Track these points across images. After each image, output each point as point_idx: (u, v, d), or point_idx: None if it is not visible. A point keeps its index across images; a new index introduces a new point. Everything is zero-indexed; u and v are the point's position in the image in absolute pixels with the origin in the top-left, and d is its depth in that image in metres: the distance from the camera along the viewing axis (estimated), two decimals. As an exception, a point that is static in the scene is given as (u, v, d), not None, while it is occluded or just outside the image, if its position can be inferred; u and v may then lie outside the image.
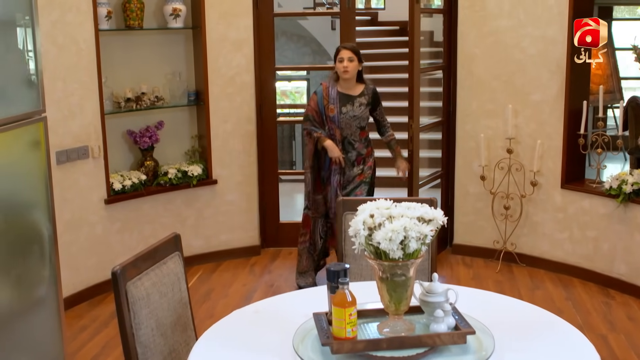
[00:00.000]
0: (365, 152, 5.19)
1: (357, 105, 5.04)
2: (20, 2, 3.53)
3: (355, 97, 5.06)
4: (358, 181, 5.17)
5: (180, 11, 5.60)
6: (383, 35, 11.25)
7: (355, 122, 5.06)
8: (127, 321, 2.49)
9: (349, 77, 4.98)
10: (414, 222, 2.28)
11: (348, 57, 4.93)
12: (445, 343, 2.35)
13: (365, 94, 5.08)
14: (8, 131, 3.29)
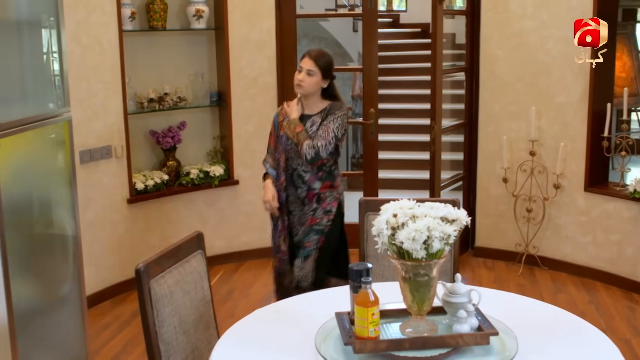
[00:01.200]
0: (320, 188, 4.00)
1: (309, 126, 3.95)
2: (46, 3, 3.57)
3: (310, 117, 3.99)
4: (308, 227, 4.02)
5: (203, 12, 5.62)
6: (404, 37, 11.23)
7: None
8: (150, 318, 2.50)
9: (303, 93, 3.96)
10: (438, 222, 2.28)
11: (307, 69, 3.91)
12: (468, 344, 2.34)
13: (325, 111, 3.97)
14: (34, 129, 3.32)
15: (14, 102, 3.40)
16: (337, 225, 4.09)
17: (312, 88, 3.94)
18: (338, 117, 3.93)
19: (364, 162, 6.43)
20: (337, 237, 4.11)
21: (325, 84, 3.98)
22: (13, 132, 3.10)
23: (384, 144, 7.78)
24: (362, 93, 6.42)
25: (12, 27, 3.44)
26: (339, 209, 4.11)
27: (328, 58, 3.98)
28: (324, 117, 3.94)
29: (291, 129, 3.93)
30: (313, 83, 3.93)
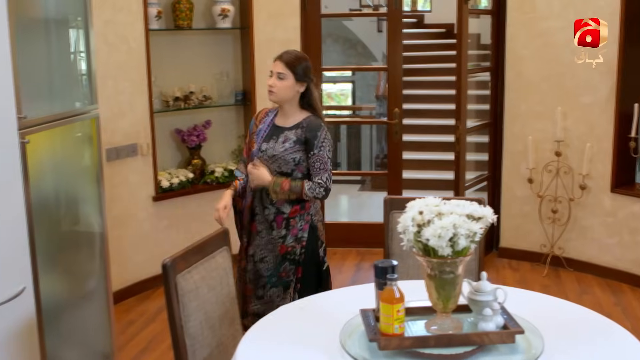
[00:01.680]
0: (290, 212, 3.50)
1: (281, 142, 3.48)
2: (75, 2, 3.62)
3: (285, 130, 3.52)
4: (280, 256, 3.52)
5: (229, 11, 5.65)
6: (429, 37, 11.20)
7: (274, 165, 3.48)
8: (176, 313, 2.52)
9: (275, 100, 3.53)
10: (464, 220, 2.27)
11: (277, 73, 3.48)
12: (494, 342, 2.33)
13: (301, 127, 3.50)
14: (62, 126, 3.36)
15: (43, 99, 3.44)
16: (313, 250, 3.55)
17: (286, 94, 3.47)
18: (324, 139, 3.46)
19: (388, 162, 6.42)
20: (317, 265, 3.59)
21: (302, 88, 3.50)
22: (42, 129, 3.14)
23: (408, 144, 7.76)
24: (387, 93, 6.41)
25: (41, 26, 3.48)
26: (312, 233, 3.55)
27: (301, 59, 3.54)
28: (301, 137, 3.45)
29: (279, 191, 3.42)
30: (285, 88, 3.46)
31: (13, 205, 2.89)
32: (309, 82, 3.52)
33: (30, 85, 3.14)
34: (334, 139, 10.82)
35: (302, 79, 3.49)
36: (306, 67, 3.52)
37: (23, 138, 2.93)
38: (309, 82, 3.52)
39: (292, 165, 3.46)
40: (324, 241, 3.65)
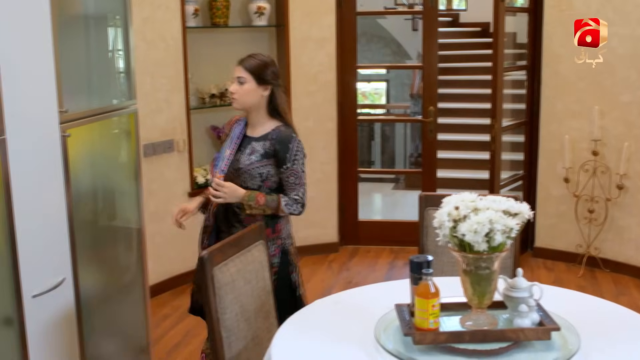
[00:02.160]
0: None
1: (248, 154, 3.23)
2: (114, 0, 3.68)
3: (252, 141, 3.26)
4: None
5: (265, 9, 5.68)
6: (464, 36, 11.15)
7: (238, 180, 3.23)
8: (212, 305, 2.55)
9: (238, 107, 3.27)
10: (500, 215, 2.27)
11: (237, 77, 3.24)
12: (529, 338, 2.32)
13: (269, 138, 3.23)
14: (101, 121, 3.42)
15: (82, 94, 3.50)
16: (285, 276, 3.28)
17: (248, 99, 3.21)
18: (296, 151, 3.23)
19: (422, 160, 6.42)
20: (291, 291, 3.31)
21: (266, 92, 3.22)
22: (82, 123, 3.19)
23: (443, 143, 7.74)
24: (422, 91, 6.40)
25: (82, 23, 3.55)
26: (284, 258, 3.29)
27: (263, 61, 3.24)
28: (270, 150, 3.19)
29: (253, 205, 3.16)
30: (246, 93, 3.20)
31: (55, 197, 2.95)
32: (274, 86, 3.23)
33: (71, 81, 3.19)
34: (367, 138, 10.90)
35: (265, 82, 3.20)
36: (268, 69, 3.23)
37: (64, 132, 2.98)
38: (274, 86, 3.23)
39: (258, 181, 3.19)
40: (297, 265, 3.36)
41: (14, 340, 2.66)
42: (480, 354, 2.26)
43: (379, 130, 10.99)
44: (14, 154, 2.58)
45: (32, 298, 2.77)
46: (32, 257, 2.76)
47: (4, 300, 2.64)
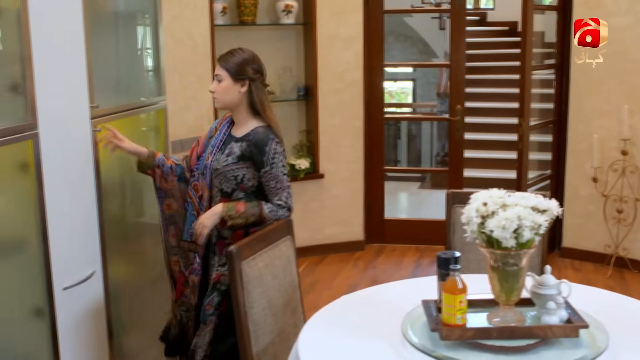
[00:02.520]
0: (231, 237, 3.06)
1: (226, 154, 3.09)
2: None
3: (232, 141, 3.13)
4: (212, 284, 3.11)
5: (293, 7, 5.71)
6: (492, 35, 11.09)
7: (216, 181, 3.13)
8: (240, 299, 2.57)
9: (219, 106, 3.16)
10: (528, 212, 2.26)
11: (216, 76, 3.10)
12: (557, 336, 2.31)
13: (247, 139, 3.08)
14: (131, 117, 3.46)
15: (112, 90, 3.55)
16: None
17: (226, 97, 3.09)
18: (274, 154, 3.03)
19: (449, 159, 6.40)
20: None
21: (243, 89, 3.07)
22: (112, 118, 3.23)
23: (470, 142, 7.71)
24: (449, 90, 6.38)
25: (112, 20, 3.59)
26: None
27: (239, 57, 3.09)
28: (246, 152, 3.04)
29: (234, 215, 3.00)
30: (223, 90, 3.08)
31: (85, 191, 2.99)
32: (251, 82, 3.06)
33: (102, 77, 3.24)
34: (393, 137, 10.87)
35: (240, 77, 3.05)
36: (246, 65, 3.07)
37: (95, 127, 3.03)
38: (251, 82, 3.06)
39: (233, 184, 3.05)
40: None
41: (45, 331, 2.71)
42: (508, 351, 2.25)
43: (405, 129, 10.97)
44: (46, 148, 2.62)
45: (63, 290, 2.81)
46: (63, 251, 2.80)
47: (36, 292, 2.68)
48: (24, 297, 2.68)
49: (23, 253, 2.67)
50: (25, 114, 2.53)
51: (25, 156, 2.57)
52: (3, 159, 2.52)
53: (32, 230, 2.64)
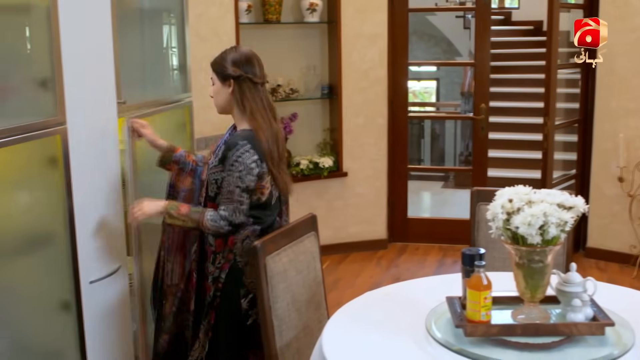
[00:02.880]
0: (215, 243, 2.91)
1: (214, 157, 2.93)
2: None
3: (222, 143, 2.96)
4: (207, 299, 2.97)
5: (317, 6, 5.72)
6: (516, 35, 11.03)
7: (204, 187, 3.02)
8: (265, 294, 2.58)
9: (218, 111, 3.03)
10: (554, 208, 2.25)
11: (211, 79, 2.97)
12: (582, 333, 2.30)
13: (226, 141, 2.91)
14: (158, 114, 3.50)
15: (138, 87, 3.58)
16: (231, 297, 2.88)
17: (218, 100, 2.95)
18: (234, 160, 2.78)
19: (473, 158, 6.38)
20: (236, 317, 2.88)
21: (230, 89, 2.89)
22: (139, 114, 3.26)
23: (494, 142, 7.68)
24: (473, 89, 6.36)
25: (138, 17, 3.63)
26: (233, 277, 2.87)
27: (225, 55, 2.94)
28: (223, 155, 2.84)
29: (175, 214, 2.90)
30: (216, 93, 2.94)
31: (111, 187, 3.02)
32: (236, 80, 2.87)
33: (128, 73, 3.27)
34: (416, 136, 10.83)
35: (225, 77, 2.89)
36: (229, 63, 2.89)
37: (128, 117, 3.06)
38: (236, 80, 2.87)
39: (214, 188, 2.88)
40: (253, 292, 2.84)
41: (71, 324, 2.75)
42: (532, 348, 2.24)
43: (429, 129, 10.94)
44: (74, 143, 2.65)
45: (89, 284, 2.85)
46: (89, 245, 2.84)
47: (63, 285, 2.72)
48: (52, 290, 2.72)
49: (51, 247, 2.70)
50: (54, 109, 2.56)
51: (53, 151, 2.60)
52: (32, 154, 2.56)
53: (60, 224, 2.68)
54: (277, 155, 2.90)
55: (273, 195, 2.94)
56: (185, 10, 3.80)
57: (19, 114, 2.49)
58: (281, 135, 2.96)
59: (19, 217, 2.57)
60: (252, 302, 2.85)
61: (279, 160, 2.91)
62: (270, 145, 2.85)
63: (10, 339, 2.53)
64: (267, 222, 2.93)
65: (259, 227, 2.90)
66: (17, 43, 2.54)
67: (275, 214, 2.99)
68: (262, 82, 2.92)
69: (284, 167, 2.97)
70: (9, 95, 2.48)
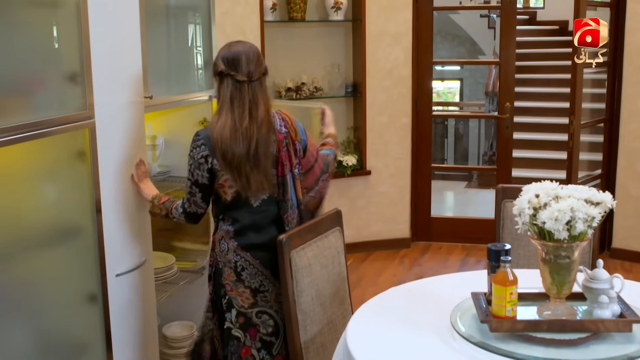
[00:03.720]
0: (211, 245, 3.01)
1: None
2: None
3: None
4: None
5: (342, 4, 5.72)
6: (541, 34, 10.95)
7: None
8: (289, 287, 2.59)
9: None
10: (582, 204, 2.23)
11: None
12: (609, 330, 2.28)
13: None
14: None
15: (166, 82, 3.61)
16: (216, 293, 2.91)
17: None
18: (188, 154, 2.80)
19: (497, 158, 6.35)
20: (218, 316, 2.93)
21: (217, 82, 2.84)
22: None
23: (519, 142, 7.64)
24: (498, 87, 6.33)
25: (167, 14, 3.66)
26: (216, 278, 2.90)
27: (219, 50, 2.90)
28: None
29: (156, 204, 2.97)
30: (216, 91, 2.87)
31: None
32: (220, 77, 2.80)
33: (155, 68, 3.30)
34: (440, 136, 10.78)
35: (214, 73, 2.84)
36: (217, 58, 2.85)
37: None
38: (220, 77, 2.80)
39: None
40: (232, 296, 2.84)
41: (97, 316, 2.77)
42: (558, 344, 2.23)
43: (452, 128, 10.88)
44: (102, 136, 2.68)
45: (115, 277, 2.87)
46: (116, 238, 2.87)
47: (90, 278, 2.74)
48: (78, 283, 2.74)
49: (78, 239, 2.73)
50: (83, 103, 2.58)
51: (81, 144, 2.63)
52: (61, 147, 2.59)
53: (87, 217, 2.70)
54: (241, 151, 2.71)
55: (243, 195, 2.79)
56: (212, 8, 3.82)
57: (47, 108, 2.52)
58: (259, 135, 2.74)
59: (47, 210, 2.60)
60: (229, 305, 2.84)
61: (245, 158, 2.72)
62: (227, 144, 2.70)
63: (38, 331, 2.56)
64: (244, 223, 2.81)
65: (232, 228, 2.82)
66: (46, 38, 2.56)
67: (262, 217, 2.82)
68: (249, 80, 2.76)
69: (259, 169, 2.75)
70: (38, 89, 2.51)
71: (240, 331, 2.83)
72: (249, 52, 2.83)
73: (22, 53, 2.39)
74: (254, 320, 2.82)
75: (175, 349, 3.74)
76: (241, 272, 2.80)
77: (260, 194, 2.79)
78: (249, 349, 2.83)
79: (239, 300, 2.82)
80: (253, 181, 2.74)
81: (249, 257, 2.80)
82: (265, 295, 2.82)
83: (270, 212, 2.83)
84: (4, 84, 2.33)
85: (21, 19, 2.37)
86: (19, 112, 2.38)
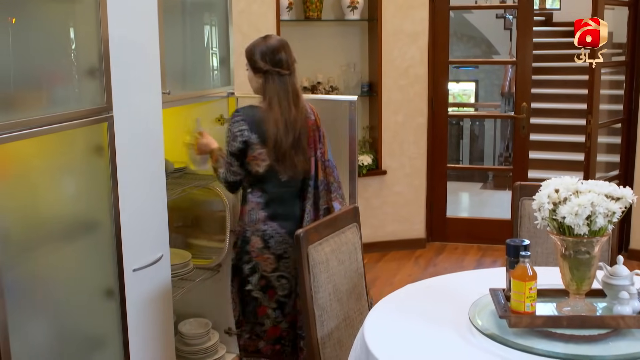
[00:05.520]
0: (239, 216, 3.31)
1: None
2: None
3: None
4: None
5: (358, 3, 5.72)
6: (558, 36, 10.90)
7: None
8: (307, 283, 2.58)
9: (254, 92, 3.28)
10: (602, 198, 2.21)
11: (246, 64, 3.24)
12: (630, 326, 2.26)
13: None
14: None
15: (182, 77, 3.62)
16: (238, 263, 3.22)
17: (252, 85, 3.20)
18: (227, 129, 3.14)
19: (513, 158, 6.33)
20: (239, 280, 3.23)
21: (261, 80, 3.11)
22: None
23: (535, 143, 7.60)
24: (514, 88, 6.31)
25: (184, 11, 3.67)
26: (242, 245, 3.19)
27: (254, 45, 3.16)
28: None
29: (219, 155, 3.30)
30: (249, 80, 3.20)
31: (155, 176, 3.05)
32: (264, 74, 3.08)
33: (173, 64, 3.31)
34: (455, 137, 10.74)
35: (256, 70, 3.12)
36: (251, 53, 3.13)
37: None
38: (264, 74, 3.08)
39: None
40: (257, 261, 3.16)
41: (115, 311, 2.77)
42: (578, 340, 2.21)
43: (468, 130, 10.84)
44: (120, 131, 2.68)
45: (133, 272, 2.87)
46: (133, 233, 2.87)
47: (107, 273, 2.75)
48: (96, 277, 2.75)
49: (95, 234, 2.74)
50: (101, 97, 2.59)
51: (100, 139, 2.64)
52: (79, 141, 2.60)
53: (105, 212, 2.71)
54: (290, 139, 3.06)
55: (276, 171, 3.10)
56: (229, 6, 3.84)
57: (66, 103, 2.53)
58: (300, 121, 3.11)
59: (65, 204, 2.61)
60: (252, 269, 3.16)
61: (291, 144, 3.07)
62: (280, 131, 3.04)
63: (56, 324, 2.57)
64: (272, 196, 3.14)
65: (262, 200, 3.14)
66: (65, 33, 2.57)
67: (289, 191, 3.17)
68: (290, 72, 3.12)
69: (301, 150, 3.12)
70: (57, 83, 2.52)
71: (260, 292, 3.17)
72: (284, 44, 3.18)
73: (42, 48, 2.40)
74: (274, 282, 3.16)
75: (191, 346, 3.74)
76: (269, 240, 3.13)
77: (301, 175, 3.16)
78: (265, 308, 3.19)
79: (263, 265, 3.15)
80: (298, 163, 3.12)
81: (277, 227, 3.13)
82: (286, 261, 3.15)
83: (295, 188, 3.18)
84: (24, 79, 2.35)
85: (41, 15, 2.39)
86: (38, 106, 2.39)
